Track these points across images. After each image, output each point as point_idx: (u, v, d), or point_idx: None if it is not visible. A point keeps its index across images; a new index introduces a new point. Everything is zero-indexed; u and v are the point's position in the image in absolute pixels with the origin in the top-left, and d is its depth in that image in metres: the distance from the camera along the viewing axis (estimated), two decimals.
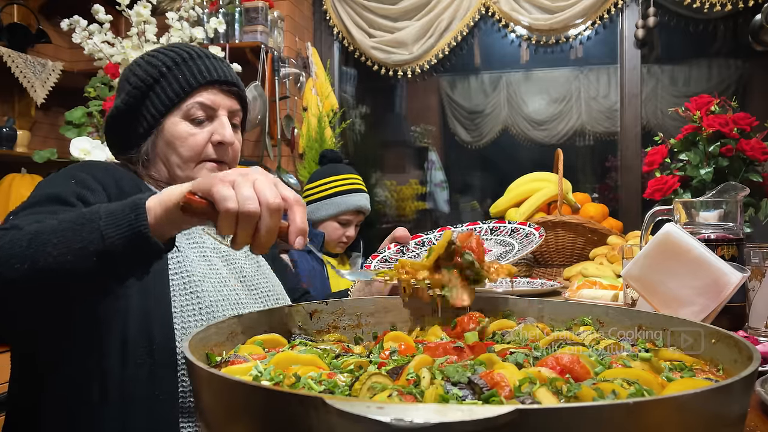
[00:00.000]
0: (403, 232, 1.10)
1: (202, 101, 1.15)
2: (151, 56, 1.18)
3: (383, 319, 0.98)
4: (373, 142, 4.06)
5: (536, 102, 3.84)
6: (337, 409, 0.42)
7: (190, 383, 0.78)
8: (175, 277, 1.04)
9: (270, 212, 0.74)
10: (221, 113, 1.17)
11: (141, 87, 1.14)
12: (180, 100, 1.14)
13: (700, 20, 3.41)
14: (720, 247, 1.18)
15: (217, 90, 1.17)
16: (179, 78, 1.14)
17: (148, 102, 1.14)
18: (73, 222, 0.77)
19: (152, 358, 0.97)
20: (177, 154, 1.14)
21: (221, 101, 1.17)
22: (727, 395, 0.51)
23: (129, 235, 0.75)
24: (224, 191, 0.73)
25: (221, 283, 1.11)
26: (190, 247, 1.12)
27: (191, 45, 1.23)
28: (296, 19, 3.69)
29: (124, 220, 0.76)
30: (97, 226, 0.75)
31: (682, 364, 0.71)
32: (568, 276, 2.18)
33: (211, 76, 1.16)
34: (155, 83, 1.14)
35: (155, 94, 1.14)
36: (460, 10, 3.62)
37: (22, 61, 2.94)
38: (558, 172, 2.41)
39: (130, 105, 1.15)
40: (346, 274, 1.02)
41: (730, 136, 2.20)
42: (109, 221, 0.76)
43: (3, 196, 2.86)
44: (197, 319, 1.03)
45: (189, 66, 1.15)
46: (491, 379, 0.57)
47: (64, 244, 0.75)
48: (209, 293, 1.07)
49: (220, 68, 1.18)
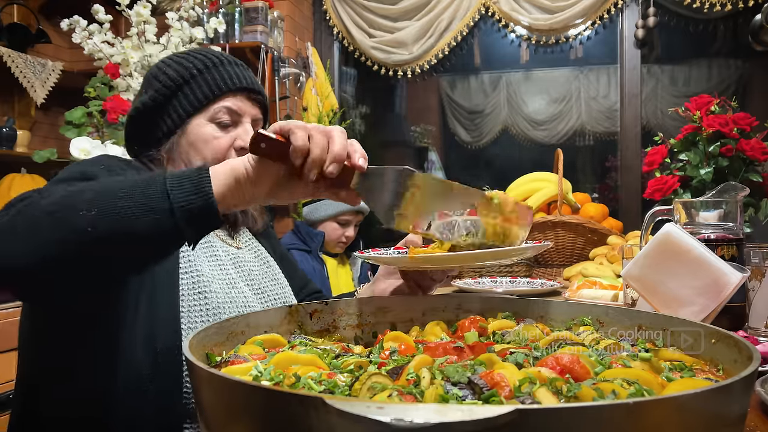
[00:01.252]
0: (415, 237, 1.10)
1: (229, 106, 1.18)
2: (182, 57, 1.21)
3: (383, 319, 0.98)
4: (373, 142, 4.06)
5: (536, 102, 3.84)
6: (337, 409, 0.42)
7: (191, 383, 0.79)
8: (185, 277, 1.05)
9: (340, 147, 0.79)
10: (246, 120, 1.20)
11: (171, 86, 1.16)
12: (209, 103, 1.17)
13: (700, 20, 3.41)
14: (720, 247, 1.18)
15: (245, 97, 1.20)
16: (209, 81, 1.17)
17: (176, 101, 1.17)
18: (136, 181, 0.78)
19: (157, 356, 0.97)
20: (200, 155, 1.17)
21: (247, 108, 1.20)
22: (727, 395, 0.51)
23: (193, 192, 0.76)
24: (298, 131, 0.78)
25: (229, 285, 1.13)
26: (201, 249, 1.14)
27: (222, 52, 1.26)
28: (296, 19, 3.69)
29: (188, 181, 0.77)
30: (163, 186, 0.76)
31: (682, 364, 0.70)
32: (568, 276, 2.18)
33: (241, 83, 1.19)
34: (185, 84, 1.17)
35: (183, 94, 1.17)
36: (460, 10, 3.62)
37: (22, 61, 2.94)
38: (558, 172, 2.41)
39: (158, 102, 1.17)
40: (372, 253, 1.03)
41: (730, 136, 2.20)
42: (174, 182, 0.77)
43: (3, 196, 2.86)
44: (204, 320, 1.04)
45: (219, 71, 1.18)
46: (491, 379, 0.57)
47: (131, 199, 0.75)
48: (217, 294, 1.08)
49: (249, 77, 1.22)
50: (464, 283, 1.92)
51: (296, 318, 0.92)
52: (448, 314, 0.99)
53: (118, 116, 2.56)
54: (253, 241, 1.32)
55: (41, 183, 2.97)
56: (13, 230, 0.75)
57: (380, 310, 0.98)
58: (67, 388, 0.98)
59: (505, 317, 0.94)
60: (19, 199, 0.80)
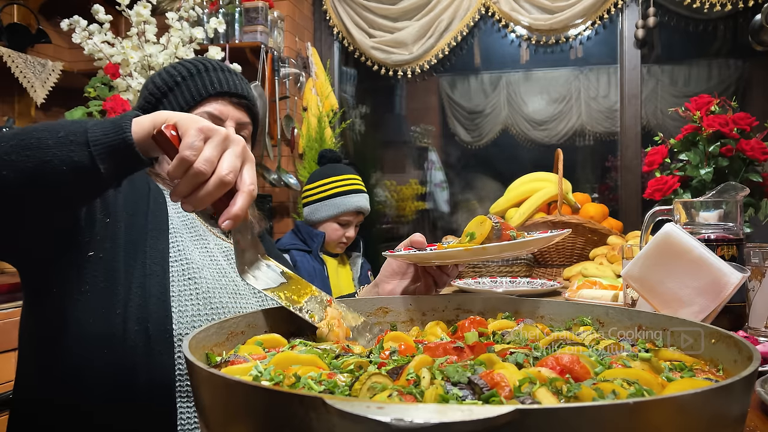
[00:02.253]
0: (419, 238, 1.11)
1: (210, 111, 1.21)
2: (171, 66, 1.26)
3: (383, 319, 0.98)
4: (373, 142, 4.06)
5: (536, 102, 3.84)
6: (337, 409, 0.42)
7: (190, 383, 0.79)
8: (175, 264, 1.08)
9: (217, 181, 0.74)
10: (229, 124, 1.23)
11: (156, 94, 1.23)
12: (190, 108, 1.21)
13: (700, 20, 3.41)
14: (720, 247, 1.18)
15: (227, 101, 1.23)
16: (191, 88, 1.22)
17: (161, 108, 1.21)
18: (63, 122, 0.81)
19: (149, 341, 0.99)
20: None
21: (230, 112, 1.23)
22: (727, 395, 0.51)
23: (110, 129, 0.78)
24: (194, 140, 0.75)
25: (220, 273, 1.15)
26: (192, 240, 1.16)
27: (211, 59, 1.30)
28: (296, 19, 3.69)
29: (108, 122, 0.80)
30: (84, 125, 0.79)
31: (682, 364, 0.70)
32: (568, 276, 2.18)
33: (222, 88, 1.22)
34: (169, 91, 1.22)
35: (168, 101, 1.22)
36: (460, 10, 3.62)
37: (22, 61, 2.94)
38: (558, 172, 2.41)
39: (146, 110, 1.21)
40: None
41: (730, 136, 2.20)
42: (97, 122, 0.80)
43: None
44: (194, 304, 1.06)
45: (202, 77, 1.23)
46: (491, 379, 0.57)
47: (48, 131, 0.78)
48: (207, 280, 1.10)
49: (232, 81, 1.25)
50: (464, 283, 1.92)
51: (296, 318, 0.91)
52: (448, 314, 0.99)
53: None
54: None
55: None
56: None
57: (380, 310, 0.98)
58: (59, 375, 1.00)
59: (505, 317, 0.94)
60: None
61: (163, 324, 1.01)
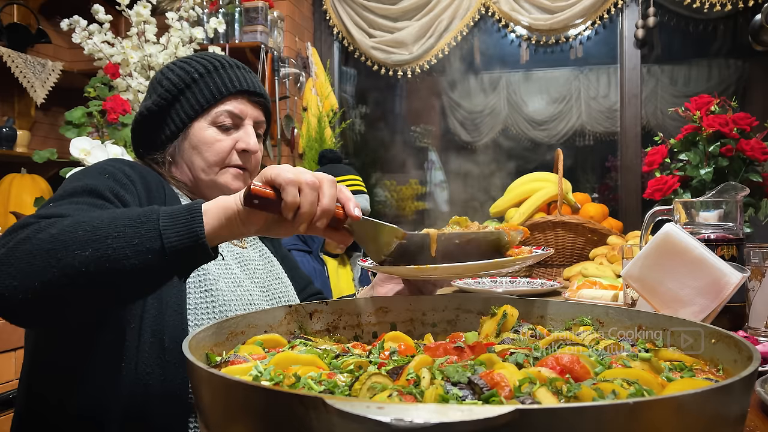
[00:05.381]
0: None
1: (230, 109, 1.19)
2: (184, 62, 1.23)
3: (383, 319, 0.98)
4: (373, 142, 4.06)
5: (536, 102, 3.84)
6: (337, 409, 0.42)
7: (190, 383, 0.79)
8: (191, 276, 1.07)
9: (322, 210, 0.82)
10: (247, 122, 1.22)
11: (173, 91, 1.19)
12: (209, 107, 1.19)
13: (700, 20, 3.41)
14: (720, 247, 1.18)
15: (246, 100, 1.22)
16: (210, 85, 1.19)
17: (178, 105, 1.19)
18: (130, 218, 0.80)
19: (164, 353, 0.99)
20: (202, 157, 1.18)
21: (249, 111, 1.22)
22: (727, 395, 0.51)
23: (185, 233, 0.79)
24: (289, 188, 0.79)
25: (235, 284, 1.14)
26: None
27: (224, 55, 1.28)
28: (296, 19, 3.69)
29: (181, 220, 0.80)
30: (156, 225, 0.79)
31: (682, 364, 0.70)
32: (568, 276, 2.18)
33: (242, 86, 1.21)
34: (186, 88, 1.19)
35: (185, 98, 1.19)
36: (460, 10, 3.62)
37: (22, 61, 2.94)
38: (558, 172, 2.41)
39: (161, 107, 1.19)
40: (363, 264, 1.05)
41: (730, 136, 2.20)
42: (167, 222, 0.80)
43: (3, 196, 2.86)
44: (210, 318, 1.05)
45: (221, 74, 1.20)
46: (491, 379, 0.57)
47: (124, 239, 0.78)
48: (223, 292, 1.09)
49: (250, 80, 1.23)
50: (464, 283, 1.92)
51: (296, 318, 0.91)
52: (448, 314, 0.99)
53: (117, 116, 2.56)
54: (258, 241, 1.34)
55: (41, 183, 2.97)
56: (9, 263, 0.78)
57: (380, 310, 0.98)
58: (73, 386, 0.98)
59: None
60: (20, 225, 0.83)
61: (179, 336, 0.99)
